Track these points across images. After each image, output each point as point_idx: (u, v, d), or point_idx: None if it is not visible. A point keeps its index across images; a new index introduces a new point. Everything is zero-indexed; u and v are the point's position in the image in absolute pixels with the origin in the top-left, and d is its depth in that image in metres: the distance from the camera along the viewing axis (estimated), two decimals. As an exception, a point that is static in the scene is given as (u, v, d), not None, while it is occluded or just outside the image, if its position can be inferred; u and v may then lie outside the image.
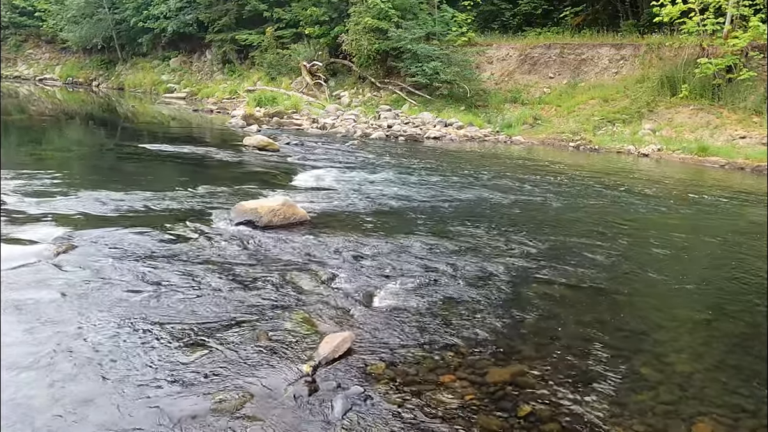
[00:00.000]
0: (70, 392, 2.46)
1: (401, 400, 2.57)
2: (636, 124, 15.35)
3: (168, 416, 2.33)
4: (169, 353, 2.82)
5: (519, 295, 3.91)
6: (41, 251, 4.03)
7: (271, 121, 16.00)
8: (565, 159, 12.54)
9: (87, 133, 14.56)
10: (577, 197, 7.74)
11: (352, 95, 20.35)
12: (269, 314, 3.33)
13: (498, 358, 3.01)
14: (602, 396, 2.70)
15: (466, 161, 10.99)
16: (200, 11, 26.62)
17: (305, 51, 22.32)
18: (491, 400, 2.63)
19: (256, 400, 2.47)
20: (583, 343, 3.24)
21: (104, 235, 4.54)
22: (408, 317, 3.42)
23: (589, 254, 4.95)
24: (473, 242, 5.10)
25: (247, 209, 5.22)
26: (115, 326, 3.05)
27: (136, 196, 6.04)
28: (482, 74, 19.54)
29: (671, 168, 11.90)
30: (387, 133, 14.95)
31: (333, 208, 6.11)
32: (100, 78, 31.98)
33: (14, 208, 5.24)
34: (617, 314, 3.72)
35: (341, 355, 2.88)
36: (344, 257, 4.41)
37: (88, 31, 29.86)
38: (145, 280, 3.70)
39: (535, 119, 16.84)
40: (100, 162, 9.48)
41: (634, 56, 17.54)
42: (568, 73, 18.50)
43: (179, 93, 25.91)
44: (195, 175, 8.25)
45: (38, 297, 3.30)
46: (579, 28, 19.89)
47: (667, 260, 4.98)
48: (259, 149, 10.49)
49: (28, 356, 2.71)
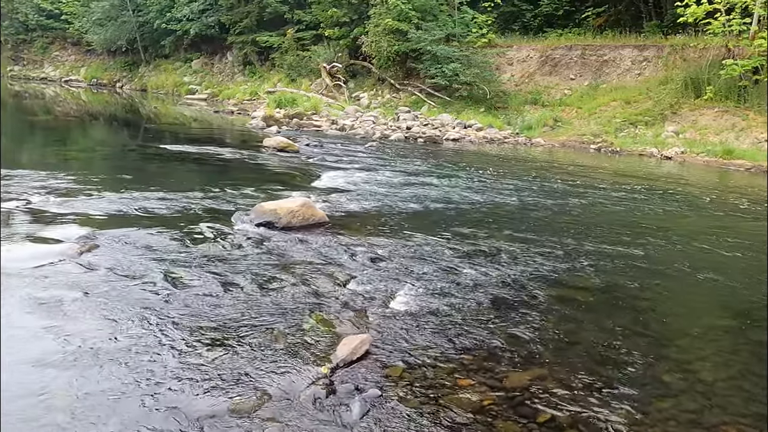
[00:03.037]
0: (91, 390, 2.50)
1: (419, 403, 2.55)
2: (659, 127, 15.12)
3: (186, 416, 2.35)
4: (189, 353, 2.84)
5: (539, 299, 3.86)
6: (65, 250, 4.11)
7: (291, 122, 16.09)
8: (586, 161, 12.40)
9: (110, 133, 14.80)
10: (599, 200, 7.64)
11: (371, 97, 20.37)
12: (287, 315, 3.34)
13: (517, 362, 2.98)
14: (623, 403, 2.65)
15: (486, 163, 10.93)
16: (222, 13, 26.91)
17: (325, 53, 22.41)
18: (510, 405, 2.60)
19: (274, 402, 2.48)
20: (604, 349, 3.19)
21: (126, 235, 4.60)
22: (426, 320, 3.41)
23: (611, 258, 4.88)
24: (493, 245, 5.06)
25: (266, 210, 5.26)
26: (136, 325, 3.09)
27: (158, 196, 6.12)
28: (502, 76, 19.41)
29: (695, 171, 11.70)
30: (406, 134, 14.93)
31: (352, 210, 6.12)
32: (124, 79, 32.49)
33: (40, 208, 5.34)
34: (639, 319, 3.66)
35: (359, 357, 2.88)
36: (362, 259, 4.41)
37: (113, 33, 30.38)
38: (166, 279, 3.74)
39: (556, 121, 16.68)
40: (122, 162, 9.62)
41: (658, 57, 17.28)
42: (589, 75, 18.30)
43: (200, 94, 26.19)
44: (215, 175, 8.33)
45: (61, 295, 3.36)
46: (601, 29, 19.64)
47: (692, 265, 4.88)
48: (279, 150, 10.55)
49: (51, 353, 2.76)
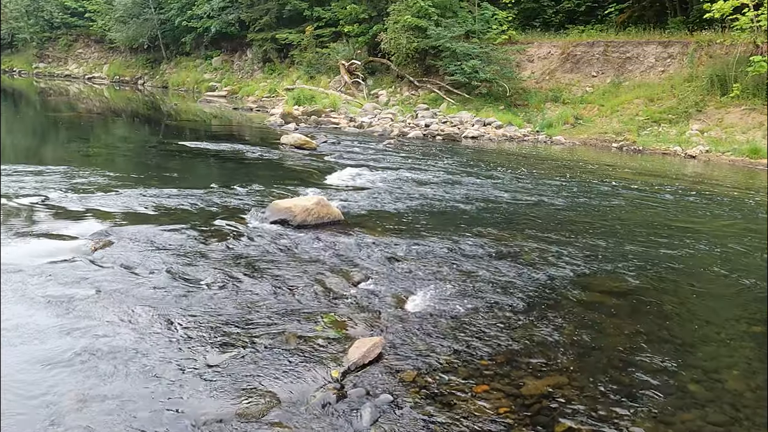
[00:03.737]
0: (100, 390, 2.46)
1: (432, 410, 2.47)
2: (683, 125, 14.80)
3: (194, 419, 2.29)
4: (199, 354, 2.79)
5: (559, 302, 3.75)
6: (79, 247, 4.10)
7: (309, 119, 16.08)
8: (608, 160, 12.16)
9: (132, 130, 14.94)
10: (623, 200, 7.46)
11: (389, 94, 20.27)
12: (299, 316, 3.28)
13: (535, 368, 2.88)
14: (646, 413, 2.54)
15: (505, 162, 10.77)
16: (242, 11, 27.06)
17: (344, 50, 22.39)
18: (527, 413, 2.50)
19: (283, 406, 2.41)
20: (626, 356, 3.07)
21: (140, 232, 4.58)
22: (441, 323, 3.32)
23: (635, 260, 4.73)
24: (512, 245, 4.94)
25: (281, 208, 5.21)
26: (147, 324, 3.05)
27: (174, 193, 6.11)
28: (522, 73, 19.19)
29: (721, 170, 11.40)
30: (424, 132, 14.82)
31: (367, 208, 6.05)
32: (145, 76, 32.87)
33: (57, 204, 5.36)
34: (664, 325, 3.53)
35: (371, 361, 2.80)
36: (377, 259, 4.34)
37: (135, 30, 30.77)
38: (178, 278, 3.70)
39: (577, 119, 16.42)
40: (142, 159, 9.67)
41: (683, 54, 16.90)
42: (611, 72, 17.98)
43: (220, 91, 26.35)
44: (232, 172, 8.32)
45: (73, 293, 3.34)
46: (624, 26, 19.29)
47: (720, 268, 4.72)
48: (296, 147, 10.53)
49: (60, 352, 2.74)
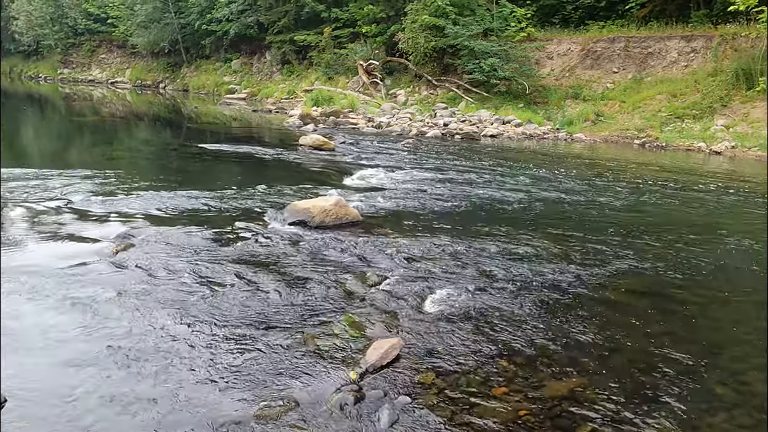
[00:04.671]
0: (121, 389, 2.49)
1: (451, 413, 2.45)
2: (707, 120, 14.50)
3: (212, 420, 2.31)
4: (217, 355, 2.81)
5: (581, 303, 3.69)
6: (101, 249, 4.16)
7: (328, 120, 16.12)
8: (630, 157, 11.97)
9: (153, 133, 15.14)
10: (646, 197, 7.33)
11: (407, 94, 20.23)
12: (317, 317, 3.28)
13: (555, 370, 2.84)
14: (671, 416, 2.49)
15: (525, 160, 10.67)
16: (261, 13, 27.26)
17: (362, 50, 22.42)
18: (547, 416, 2.47)
19: (301, 408, 2.41)
20: (649, 357, 3.01)
21: (161, 234, 4.63)
22: (460, 324, 3.29)
23: (658, 260, 4.64)
24: (533, 246, 4.89)
25: (300, 209, 5.23)
26: (167, 326, 3.08)
27: (195, 195, 6.17)
28: (542, 70, 19.00)
29: (748, 166, 11.14)
30: (443, 131, 14.76)
31: (386, 209, 6.03)
32: (166, 80, 33.29)
33: (81, 207, 5.45)
34: (689, 325, 3.46)
35: (389, 363, 2.79)
36: (395, 260, 4.32)
37: (156, 35, 31.20)
38: (198, 280, 3.73)
39: (598, 116, 16.19)
40: (164, 162, 9.79)
41: (706, 48, 16.56)
42: (633, 68, 17.70)
43: (240, 94, 26.58)
44: (252, 174, 8.38)
45: (94, 295, 3.38)
46: (645, 20, 18.95)
47: (747, 268, 4.61)
48: (315, 148, 10.56)
49: (84, 353, 2.78)
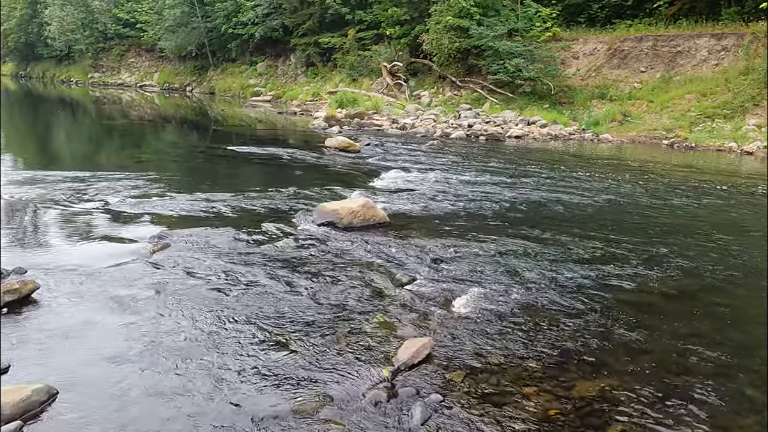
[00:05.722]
0: (162, 385, 2.60)
1: (481, 411, 2.49)
2: (739, 120, 14.21)
3: (251, 415, 2.39)
4: (254, 352, 2.90)
5: (611, 303, 3.70)
6: (138, 249, 4.30)
7: (352, 122, 16.23)
8: (659, 158, 11.82)
9: (181, 136, 15.43)
10: (677, 199, 7.25)
11: (432, 95, 20.25)
12: (349, 316, 3.36)
13: (585, 370, 2.86)
14: (701, 418, 2.49)
15: (551, 161, 10.61)
16: (286, 16, 27.57)
17: (386, 52, 22.51)
18: (577, 415, 2.50)
19: (336, 404, 2.48)
20: (679, 358, 3.01)
21: (195, 234, 4.76)
22: (489, 324, 3.33)
23: (689, 261, 4.61)
24: (562, 246, 4.89)
25: (328, 210, 5.32)
26: (204, 324, 3.19)
27: (225, 196, 6.30)
28: (567, 70, 18.82)
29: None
30: (467, 132, 14.74)
31: (412, 210, 6.09)
32: (193, 83, 33.85)
33: (116, 209, 5.63)
34: (720, 327, 3.44)
35: (420, 361, 2.84)
36: (424, 260, 4.37)
37: (183, 39, 31.79)
38: (232, 279, 3.84)
39: (625, 116, 15.98)
40: (192, 164, 10.00)
41: (737, 46, 16.22)
42: (661, 67, 17.42)
43: (265, 96, 26.89)
44: (279, 176, 8.51)
45: (135, 294, 3.52)
46: (674, 18, 18.63)
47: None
48: (340, 150, 10.66)
49: (126, 349, 2.89)
